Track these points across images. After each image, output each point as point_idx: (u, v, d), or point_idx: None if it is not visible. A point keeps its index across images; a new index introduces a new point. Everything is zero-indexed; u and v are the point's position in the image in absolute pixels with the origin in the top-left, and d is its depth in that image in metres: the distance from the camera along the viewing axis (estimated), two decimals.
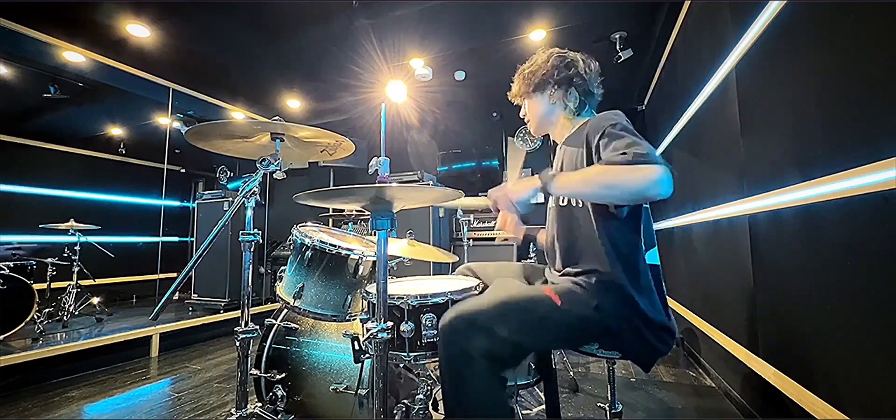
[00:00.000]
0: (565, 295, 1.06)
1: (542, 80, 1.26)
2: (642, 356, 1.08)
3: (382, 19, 2.97)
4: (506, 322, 0.99)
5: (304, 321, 1.71)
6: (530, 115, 1.33)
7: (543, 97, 1.28)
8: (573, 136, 1.24)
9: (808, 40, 1.31)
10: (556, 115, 1.29)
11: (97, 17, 2.87)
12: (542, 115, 1.30)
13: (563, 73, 1.25)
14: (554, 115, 1.29)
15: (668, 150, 3.24)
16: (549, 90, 1.26)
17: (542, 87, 1.27)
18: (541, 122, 1.32)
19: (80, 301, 3.58)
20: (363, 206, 1.32)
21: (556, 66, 1.26)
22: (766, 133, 1.62)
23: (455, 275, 1.54)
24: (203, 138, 1.39)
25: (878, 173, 0.99)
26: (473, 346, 0.95)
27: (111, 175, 5.30)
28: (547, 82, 1.26)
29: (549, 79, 1.26)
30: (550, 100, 1.27)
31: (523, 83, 1.31)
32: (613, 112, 1.09)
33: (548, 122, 1.30)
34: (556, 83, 1.25)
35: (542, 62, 1.27)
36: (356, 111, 4.71)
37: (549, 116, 1.29)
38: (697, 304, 2.66)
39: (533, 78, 1.27)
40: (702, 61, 2.26)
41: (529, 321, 1.02)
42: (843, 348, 1.20)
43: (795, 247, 1.43)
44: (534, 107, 1.31)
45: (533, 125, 1.34)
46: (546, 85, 1.26)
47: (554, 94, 1.26)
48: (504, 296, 1.05)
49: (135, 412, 2.10)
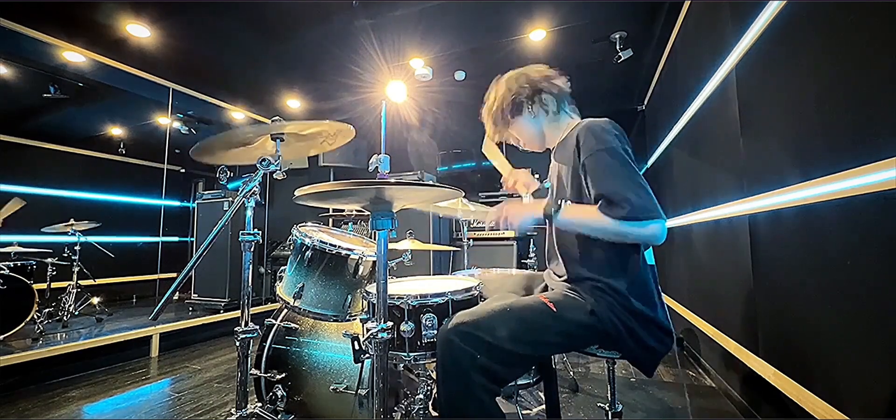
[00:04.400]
0: (561, 301, 1.07)
1: (515, 102, 1.27)
2: (642, 359, 1.08)
3: (382, 19, 2.97)
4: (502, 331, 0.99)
5: (304, 321, 1.71)
6: (523, 139, 1.34)
7: (524, 117, 1.29)
8: (561, 147, 1.27)
9: (807, 40, 1.31)
10: (542, 126, 1.31)
11: (97, 17, 2.87)
12: (533, 132, 1.31)
13: (527, 85, 1.27)
14: (542, 127, 1.31)
15: (668, 149, 3.24)
16: (526, 108, 1.28)
17: (519, 109, 1.28)
18: (536, 138, 1.33)
19: (80, 301, 3.58)
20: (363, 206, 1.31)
21: (519, 84, 1.28)
22: (766, 133, 1.62)
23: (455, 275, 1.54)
24: (209, 154, 1.40)
25: (878, 173, 0.99)
26: (470, 357, 0.96)
27: (111, 175, 5.29)
28: (522, 102, 1.27)
29: (521, 97, 1.27)
30: (532, 114, 1.29)
31: (498, 118, 1.31)
32: (602, 125, 1.10)
33: (541, 135, 1.32)
34: (529, 97, 1.27)
35: (507, 89, 1.29)
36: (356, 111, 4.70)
37: (539, 130, 1.31)
38: (697, 304, 2.66)
39: (507, 107, 1.28)
40: (702, 61, 2.26)
41: (526, 329, 1.02)
42: (843, 348, 1.20)
43: (795, 247, 1.43)
44: (522, 130, 1.32)
45: (535, 145, 1.35)
46: (522, 105, 1.28)
47: (533, 108, 1.28)
48: (500, 306, 1.05)
49: (135, 412, 2.10)
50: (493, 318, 1.02)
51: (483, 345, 0.97)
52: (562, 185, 1.21)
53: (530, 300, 1.10)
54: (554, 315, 1.04)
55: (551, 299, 1.07)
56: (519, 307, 1.06)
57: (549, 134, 1.31)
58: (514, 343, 0.98)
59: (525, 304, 1.08)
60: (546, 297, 1.09)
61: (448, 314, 1.15)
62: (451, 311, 1.15)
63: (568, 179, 1.16)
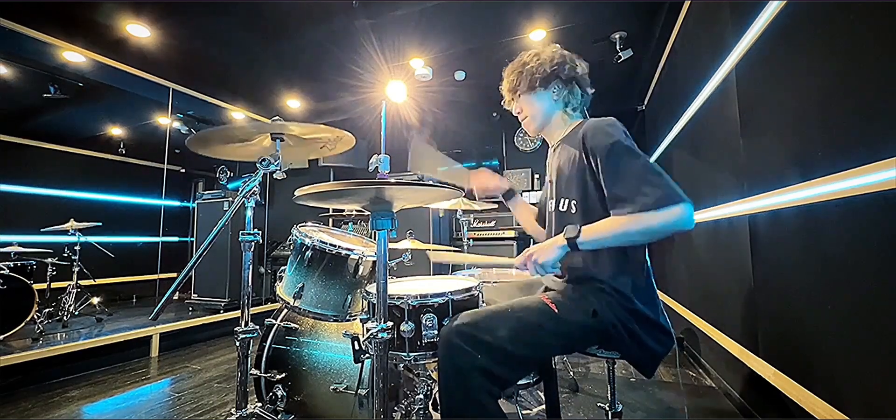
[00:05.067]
0: (562, 302, 1.06)
1: (548, 74, 1.21)
2: (643, 360, 1.08)
3: (382, 19, 2.97)
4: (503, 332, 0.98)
5: (304, 321, 1.71)
6: (530, 114, 1.27)
7: (546, 94, 1.23)
8: (568, 137, 1.23)
9: (807, 40, 1.31)
10: (556, 115, 1.25)
11: (97, 17, 2.86)
12: (544, 112, 1.25)
13: (570, 69, 1.22)
14: (555, 115, 1.25)
15: (668, 149, 3.24)
16: (553, 86, 1.22)
17: (546, 83, 1.22)
18: (543, 120, 1.26)
19: (80, 301, 3.59)
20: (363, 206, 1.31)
21: (562, 62, 1.22)
22: (766, 133, 1.62)
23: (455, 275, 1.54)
24: (205, 145, 1.40)
25: (878, 173, 0.99)
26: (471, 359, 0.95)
27: (111, 175, 5.30)
28: (554, 78, 1.21)
29: (557, 74, 1.21)
30: (554, 97, 1.23)
31: (524, 79, 1.23)
32: (609, 122, 1.08)
33: (549, 120, 1.26)
34: (564, 80, 1.22)
35: (549, 56, 1.22)
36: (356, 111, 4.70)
37: (550, 115, 1.25)
38: (697, 304, 2.66)
39: (538, 72, 1.21)
40: (702, 61, 2.26)
41: (527, 330, 1.01)
42: (843, 348, 1.20)
43: (795, 247, 1.43)
44: (535, 104, 1.25)
45: (534, 125, 1.29)
46: (551, 81, 1.22)
47: (559, 92, 1.22)
48: (500, 307, 1.05)
49: (135, 412, 2.10)
50: (493, 319, 1.01)
51: (484, 346, 0.96)
52: (562, 176, 1.19)
53: (531, 301, 1.10)
54: (555, 316, 1.03)
55: (552, 300, 1.07)
56: (519, 308, 1.06)
57: (555, 125, 1.27)
58: (514, 344, 0.98)
59: (526, 304, 1.08)
60: (547, 298, 1.08)
61: (448, 314, 1.14)
62: (451, 312, 1.15)
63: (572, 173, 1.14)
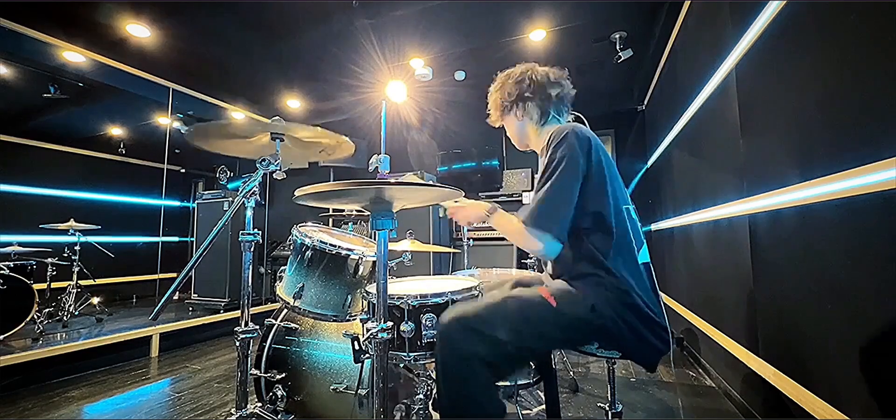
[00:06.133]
0: (561, 296, 1.06)
1: (515, 98, 1.34)
2: (644, 356, 1.08)
3: (382, 19, 2.97)
4: (501, 324, 0.99)
5: (304, 321, 1.70)
6: (510, 133, 1.42)
7: (511, 116, 1.37)
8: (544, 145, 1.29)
9: (808, 40, 1.31)
10: (527, 129, 1.36)
11: (97, 17, 2.87)
12: (517, 131, 1.38)
13: (516, 91, 1.33)
14: (526, 129, 1.36)
15: (668, 149, 3.24)
16: (517, 109, 1.35)
17: (508, 109, 1.36)
18: (520, 138, 1.40)
19: (80, 301, 3.58)
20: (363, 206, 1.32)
21: (521, 80, 1.33)
22: (766, 133, 1.62)
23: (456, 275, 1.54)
24: (205, 138, 1.39)
25: (878, 173, 0.99)
26: (469, 350, 0.96)
27: (111, 175, 5.29)
28: (519, 100, 1.34)
29: (521, 95, 1.33)
30: (516, 117, 1.36)
31: (497, 106, 1.40)
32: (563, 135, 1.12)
33: (524, 136, 1.38)
34: (515, 102, 1.34)
35: (514, 79, 1.35)
36: (356, 111, 4.70)
37: (523, 130, 1.37)
38: (697, 304, 2.66)
39: (507, 99, 1.36)
40: (702, 61, 2.26)
41: (525, 323, 1.02)
42: (843, 348, 1.20)
43: (795, 247, 1.43)
44: (509, 126, 1.40)
45: (516, 141, 1.43)
46: (516, 103, 1.35)
47: (524, 111, 1.34)
48: (499, 298, 1.05)
49: (135, 412, 2.10)
50: (491, 311, 1.02)
51: (481, 337, 0.97)
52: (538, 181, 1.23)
53: (530, 293, 1.10)
54: (553, 309, 1.04)
55: (551, 293, 1.07)
56: (518, 300, 1.06)
57: (533, 138, 1.37)
58: (512, 336, 0.98)
59: (524, 297, 1.08)
60: (546, 291, 1.08)
61: None
62: None
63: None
